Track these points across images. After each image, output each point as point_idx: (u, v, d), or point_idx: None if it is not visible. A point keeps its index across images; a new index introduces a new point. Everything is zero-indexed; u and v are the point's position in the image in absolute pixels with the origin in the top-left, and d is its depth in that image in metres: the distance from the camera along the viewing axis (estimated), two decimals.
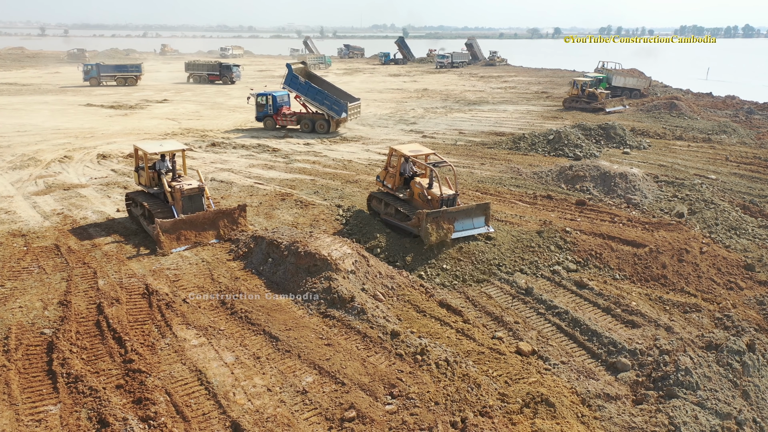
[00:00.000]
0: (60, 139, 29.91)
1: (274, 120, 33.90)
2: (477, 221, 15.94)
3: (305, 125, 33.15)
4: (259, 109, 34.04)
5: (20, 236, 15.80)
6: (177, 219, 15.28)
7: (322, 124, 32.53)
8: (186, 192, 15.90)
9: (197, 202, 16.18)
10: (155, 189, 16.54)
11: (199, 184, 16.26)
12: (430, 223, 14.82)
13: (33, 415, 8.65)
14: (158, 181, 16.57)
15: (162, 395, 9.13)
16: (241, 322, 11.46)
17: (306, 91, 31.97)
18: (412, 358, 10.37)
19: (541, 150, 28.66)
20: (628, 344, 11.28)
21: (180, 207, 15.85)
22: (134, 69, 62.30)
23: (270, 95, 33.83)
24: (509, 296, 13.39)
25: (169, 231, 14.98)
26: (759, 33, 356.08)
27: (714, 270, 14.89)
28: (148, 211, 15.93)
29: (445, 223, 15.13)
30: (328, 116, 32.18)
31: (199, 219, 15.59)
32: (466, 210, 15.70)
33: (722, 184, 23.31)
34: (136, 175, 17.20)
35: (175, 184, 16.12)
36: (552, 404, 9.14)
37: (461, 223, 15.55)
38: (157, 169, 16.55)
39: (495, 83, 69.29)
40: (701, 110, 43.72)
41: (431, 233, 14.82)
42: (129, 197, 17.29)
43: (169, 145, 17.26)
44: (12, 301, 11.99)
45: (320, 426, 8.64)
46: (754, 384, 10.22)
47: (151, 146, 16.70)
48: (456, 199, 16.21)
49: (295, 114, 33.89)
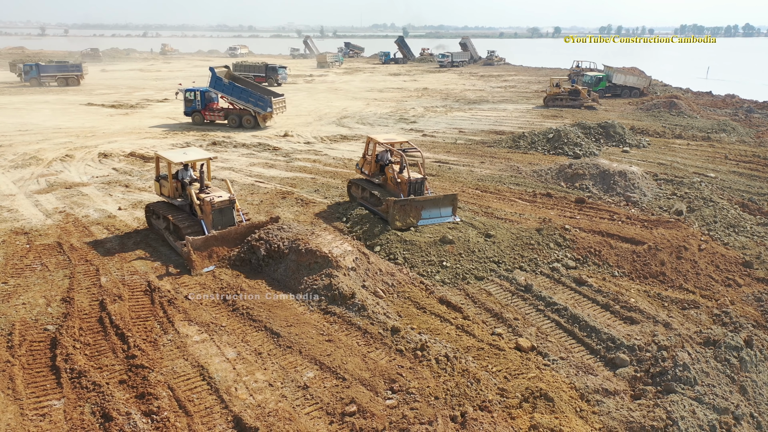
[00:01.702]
0: (61, 138, 29.99)
1: (203, 115, 34.99)
2: (444, 211, 16.89)
3: (232, 120, 34.47)
4: (188, 104, 35.01)
5: (23, 234, 15.89)
6: (209, 236, 13.98)
7: (249, 119, 33.97)
8: (216, 205, 14.51)
9: (228, 216, 14.81)
10: (179, 200, 15.39)
11: (229, 196, 14.83)
12: (397, 210, 16.11)
13: (37, 410, 8.75)
14: (182, 191, 15.45)
15: (165, 390, 9.21)
16: (242, 318, 11.55)
17: (231, 92, 33.44)
18: (413, 353, 10.47)
19: (540, 148, 28.74)
20: (626, 340, 11.36)
21: (210, 221, 14.46)
22: (75, 69, 60.20)
23: (198, 91, 34.95)
24: (509, 293, 13.48)
25: (201, 248, 13.68)
26: (759, 32, 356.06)
27: (712, 267, 14.98)
28: (173, 225, 14.82)
29: (412, 211, 16.34)
30: (254, 112, 33.68)
31: (231, 234, 14.28)
32: (434, 200, 16.72)
33: (721, 182, 23.39)
34: (156, 185, 16.05)
35: (204, 196, 14.79)
36: (551, 399, 9.23)
37: (428, 211, 16.57)
38: (180, 179, 15.50)
39: (495, 82, 69.36)
40: (701, 109, 43.81)
41: (397, 219, 16.16)
42: (150, 209, 16.23)
43: (194, 153, 16.08)
44: (15, 297, 12.08)
45: (321, 420, 8.73)
46: (752, 379, 10.30)
47: (175, 155, 15.58)
48: (423, 183, 17.50)
49: (222, 109, 34.93)
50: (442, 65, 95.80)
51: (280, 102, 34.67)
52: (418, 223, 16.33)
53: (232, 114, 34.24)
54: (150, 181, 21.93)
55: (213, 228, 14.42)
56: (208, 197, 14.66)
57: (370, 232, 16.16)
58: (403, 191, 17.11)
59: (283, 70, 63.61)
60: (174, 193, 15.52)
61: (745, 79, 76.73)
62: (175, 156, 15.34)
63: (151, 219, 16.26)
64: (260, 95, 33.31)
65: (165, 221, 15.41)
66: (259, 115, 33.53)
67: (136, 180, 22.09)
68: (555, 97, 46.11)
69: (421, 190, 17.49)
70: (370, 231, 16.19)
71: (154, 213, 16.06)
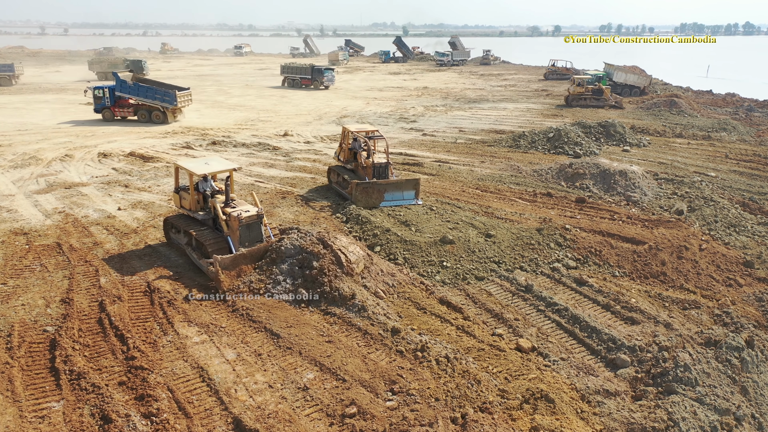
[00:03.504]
0: (61, 138, 29.95)
1: (112, 111, 35.85)
2: (407, 194, 18.48)
3: (142, 116, 35.67)
4: (97, 102, 35.85)
5: (22, 234, 15.85)
6: (238, 254, 12.95)
7: (158, 115, 35.38)
8: (244, 221, 13.41)
9: (256, 231, 13.73)
10: (201, 214, 14.43)
11: (257, 211, 13.74)
12: (360, 192, 17.87)
13: (36, 412, 8.72)
14: (204, 204, 14.56)
15: (164, 392, 9.19)
16: (242, 319, 11.52)
17: (137, 92, 35.20)
18: (413, 354, 10.44)
19: (541, 148, 28.70)
20: (627, 341, 11.34)
21: (237, 238, 13.37)
22: (7, 69, 58.67)
23: (107, 88, 35.75)
24: (509, 293, 13.45)
25: (229, 268, 12.69)
26: (759, 30, 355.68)
27: (713, 267, 14.95)
28: (196, 240, 13.87)
29: (374, 193, 17.98)
30: (162, 108, 35.19)
31: (260, 252, 13.25)
32: (396, 183, 18.44)
33: (722, 181, 23.35)
34: (176, 197, 15.09)
35: (230, 210, 13.67)
36: (552, 400, 9.21)
37: (391, 194, 18.26)
38: (201, 190, 14.58)
39: (495, 81, 69.30)
40: (701, 108, 43.76)
41: (359, 200, 17.87)
42: (169, 222, 15.30)
43: (217, 163, 14.99)
44: (15, 298, 12.05)
45: (321, 422, 8.70)
46: (753, 380, 10.28)
47: (196, 165, 14.51)
48: (387, 167, 19.17)
49: (132, 106, 35.90)
50: (441, 64, 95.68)
51: (185, 95, 36.28)
52: (380, 205, 17.94)
53: (142, 110, 35.63)
54: (150, 181, 21.90)
55: (240, 244, 13.40)
56: (234, 212, 13.52)
57: (370, 232, 16.13)
58: (368, 175, 18.79)
59: (329, 72, 59.63)
60: (195, 206, 14.48)
61: (746, 77, 76.66)
62: (196, 167, 14.29)
63: (170, 233, 15.29)
64: (165, 91, 35.16)
65: (186, 236, 14.39)
66: (168, 110, 35.25)
67: (135, 180, 22.05)
68: (578, 96, 45.33)
69: (386, 173, 19.08)
70: (371, 231, 16.17)
71: (174, 227, 15.05)
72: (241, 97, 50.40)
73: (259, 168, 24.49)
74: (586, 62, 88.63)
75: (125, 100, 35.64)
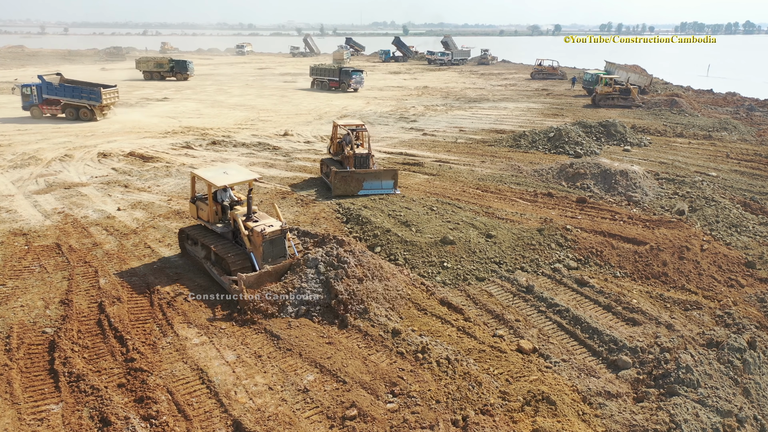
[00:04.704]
0: (60, 138, 29.90)
1: (41, 109, 36.27)
2: (385, 183, 19.93)
3: (70, 113, 36.11)
4: (25, 99, 36.21)
5: (21, 235, 15.81)
6: (263, 272, 12.27)
7: (86, 112, 36.02)
8: (268, 236, 12.63)
9: (279, 247, 12.97)
10: (220, 226, 13.74)
11: (281, 225, 12.94)
12: (339, 180, 19.42)
13: (35, 414, 8.68)
14: (222, 215, 13.93)
15: (163, 394, 9.15)
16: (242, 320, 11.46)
17: (63, 92, 35.91)
18: (413, 356, 10.39)
19: (541, 147, 28.64)
20: (628, 342, 11.29)
21: (260, 254, 12.68)
22: None
23: (34, 86, 35.97)
24: (510, 294, 13.40)
25: (253, 286, 12.06)
26: (760, 30, 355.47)
27: (715, 267, 14.90)
28: (215, 255, 13.22)
29: (353, 181, 19.47)
30: (89, 105, 35.85)
31: (285, 269, 12.57)
32: (375, 173, 19.86)
33: (723, 181, 23.29)
34: (193, 207, 14.37)
35: (252, 224, 12.91)
36: (553, 402, 9.16)
37: (370, 183, 19.70)
38: (219, 201, 13.87)
39: (495, 80, 69.23)
40: (702, 107, 43.69)
41: (338, 187, 19.48)
42: (185, 233, 14.52)
43: (236, 173, 14.12)
44: (13, 300, 12.01)
45: (321, 424, 8.66)
46: (755, 381, 10.23)
47: (215, 175, 13.67)
48: (368, 157, 20.57)
49: (60, 104, 36.27)
50: (441, 63, 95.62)
51: (111, 92, 36.89)
52: (359, 193, 19.51)
53: (69, 107, 36.10)
54: (149, 181, 21.86)
55: (263, 260, 12.72)
56: (258, 227, 12.72)
57: (371, 233, 16.08)
58: (350, 164, 20.27)
59: (357, 74, 55.98)
60: (214, 218, 13.79)
61: (746, 76, 76.58)
62: (215, 177, 13.48)
63: (186, 245, 14.57)
64: (90, 90, 36.00)
65: (204, 249, 13.71)
66: (95, 107, 35.97)
67: (135, 180, 22.01)
68: (606, 96, 44.59)
69: (367, 164, 20.52)
70: (371, 232, 16.12)
71: (190, 238, 14.32)
72: (241, 97, 50.33)
73: (259, 168, 24.42)
74: (586, 62, 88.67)
75: (53, 99, 36.40)
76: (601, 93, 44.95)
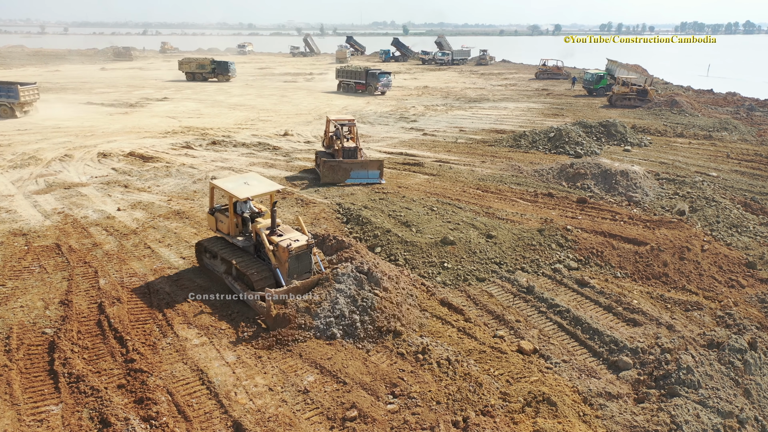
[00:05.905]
0: (60, 138, 29.87)
1: None
2: (371, 173, 21.39)
3: None
4: None
5: (21, 235, 15.79)
6: (290, 287, 11.74)
7: (5, 110, 36.54)
8: (294, 251, 12.07)
9: (305, 262, 12.42)
10: (241, 240, 13.11)
11: (307, 240, 12.35)
12: (327, 169, 21.16)
13: (35, 415, 8.66)
14: (242, 227, 13.38)
15: (163, 395, 9.13)
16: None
17: None
18: (414, 357, 10.38)
19: (542, 147, 28.62)
20: (629, 343, 11.27)
21: (285, 270, 12.09)
22: None
23: None
24: (510, 295, 13.38)
25: (281, 303, 11.64)
26: (760, 29, 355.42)
27: (715, 268, 14.88)
28: (236, 270, 12.62)
29: (340, 171, 21.11)
30: (8, 104, 36.34)
31: (312, 284, 12.06)
32: (361, 163, 21.39)
33: (723, 181, 23.28)
34: (211, 219, 13.75)
35: (277, 239, 12.27)
36: (554, 403, 9.15)
37: (356, 173, 21.25)
38: (239, 212, 13.29)
39: (495, 80, 69.19)
40: (702, 107, 43.65)
41: (326, 176, 21.15)
42: (203, 246, 13.80)
43: (258, 184, 13.42)
44: (13, 300, 11.99)
45: (322, 425, 8.64)
46: (756, 382, 10.22)
47: (236, 186, 12.98)
48: (356, 150, 22.00)
49: None
50: (442, 63, 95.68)
51: (30, 90, 37.44)
52: (346, 181, 21.09)
53: None
54: (149, 181, 21.84)
55: (289, 276, 12.17)
56: (283, 242, 12.12)
57: (371, 233, 16.07)
58: (339, 156, 21.81)
59: (385, 77, 52.90)
60: (234, 231, 13.21)
61: (746, 76, 76.56)
62: (237, 189, 12.82)
63: (204, 258, 13.89)
64: (8, 88, 36.66)
65: (225, 263, 13.03)
66: (14, 105, 36.43)
67: (135, 180, 21.98)
68: (623, 96, 44.40)
69: (354, 155, 21.91)
70: (371, 232, 16.10)
71: (208, 251, 13.64)
72: (241, 97, 50.30)
73: (259, 168, 24.40)
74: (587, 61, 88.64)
75: None
76: (618, 93, 44.76)
